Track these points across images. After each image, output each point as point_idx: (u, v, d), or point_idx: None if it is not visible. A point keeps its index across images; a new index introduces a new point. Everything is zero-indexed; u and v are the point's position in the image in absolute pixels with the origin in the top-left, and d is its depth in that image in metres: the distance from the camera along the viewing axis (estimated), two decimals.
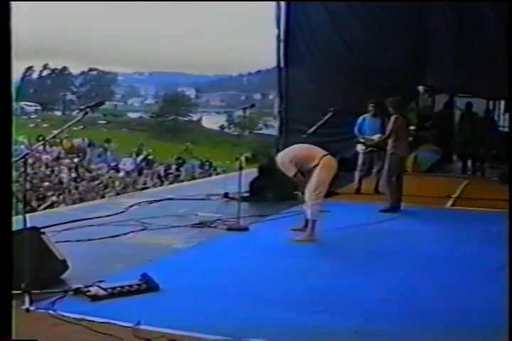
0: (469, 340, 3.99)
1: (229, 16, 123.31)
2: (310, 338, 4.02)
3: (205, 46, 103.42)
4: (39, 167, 21.38)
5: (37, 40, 70.24)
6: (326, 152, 6.80)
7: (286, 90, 13.13)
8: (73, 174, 20.73)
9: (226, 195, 8.87)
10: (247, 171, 8.97)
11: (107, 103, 43.98)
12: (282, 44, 12.97)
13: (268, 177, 8.18)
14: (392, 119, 8.33)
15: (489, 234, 6.87)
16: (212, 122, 55.16)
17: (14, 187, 4.37)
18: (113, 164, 23.97)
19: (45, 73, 63.51)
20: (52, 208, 14.50)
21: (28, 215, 4.73)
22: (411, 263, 5.89)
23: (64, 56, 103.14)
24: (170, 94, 58.08)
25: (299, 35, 12.87)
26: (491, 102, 14.16)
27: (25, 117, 46.37)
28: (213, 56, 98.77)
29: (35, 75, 63.35)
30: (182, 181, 19.69)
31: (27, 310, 4.20)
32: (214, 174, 22.08)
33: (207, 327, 4.02)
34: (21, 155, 4.38)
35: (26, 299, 4.26)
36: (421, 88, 13.27)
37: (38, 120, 46.97)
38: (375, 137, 9.45)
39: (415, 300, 4.80)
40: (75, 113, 38.09)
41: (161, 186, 18.43)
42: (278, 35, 12.96)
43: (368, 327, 4.20)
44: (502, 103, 14.41)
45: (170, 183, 19.65)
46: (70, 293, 4.57)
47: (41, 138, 21.54)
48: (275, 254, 6.11)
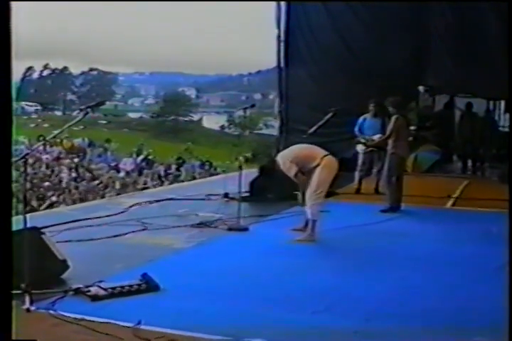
0: (469, 340, 3.99)
1: (229, 16, 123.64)
2: (310, 338, 4.02)
3: (205, 46, 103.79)
4: (39, 167, 21.36)
5: (37, 40, 70.46)
6: (327, 152, 6.80)
7: (286, 90, 13.12)
8: (73, 174, 20.73)
9: (226, 195, 8.87)
10: (247, 171, 8.97)
11: (108, 103, 43.87)
12: (282, 44, 12.96)
13: (268, 177, 8.16)
14: (392, 119, 8.33)
15: (489, 234, 6.87)
16: (212, 122, 55.15)
17: (14, 187, 4.38)
18: (113, 164, 23.96)
19: (45, 73, 63.55)
20: (52, 208, 14.50)
21: (28, 215, 4.72)
22: (411, 263, 5.88)
23: (64, 56, 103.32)
24: (170, 94, 58.11)
25: (299, 35, 12.87)
26: (491, 102, 14.16)
27: (25, 117, 46.34)
28: (213, 56, 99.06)
29: (35, 75, 63.40)
30: (182, 181, 19.67)
31: (27, 310, 4.20)
32: (214, 174, 22.05)
33: (207, 327, 4.02)
34: (21, 155, 4.38)
35: (26, 299, 4.26)
36: (421, 88, 13.25)
37: (39, 120, 46.97)
38: (376, 137, 9.45)
39: (415, 300, 4.80)
40: (76, 113, 38.23)
41: (161, 186, 18.42)
42: (278, 35, 12.95)
43: (368, 327, 4.20)
44: (502, 103, 14.40)
45: (170, 183, 19.64)
46: (70, 293, 4.58)
47: (41, 138, 21.53)
48: (275, 254, 6.11)
